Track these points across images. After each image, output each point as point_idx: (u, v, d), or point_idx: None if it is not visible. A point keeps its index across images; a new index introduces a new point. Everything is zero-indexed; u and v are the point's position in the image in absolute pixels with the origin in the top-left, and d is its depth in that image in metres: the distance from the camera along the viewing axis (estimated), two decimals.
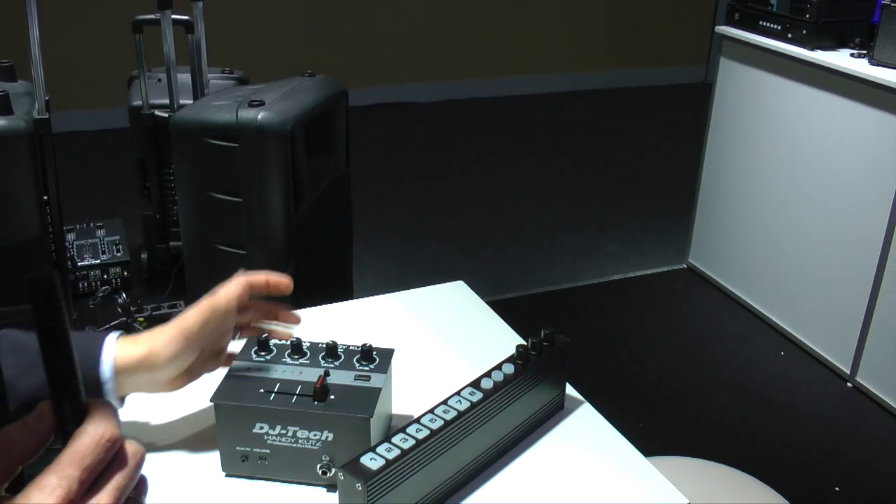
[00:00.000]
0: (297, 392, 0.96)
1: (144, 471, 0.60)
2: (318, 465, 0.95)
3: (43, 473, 0.54)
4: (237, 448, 0.96)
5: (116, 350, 0.94)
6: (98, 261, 3.19)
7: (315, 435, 0.94)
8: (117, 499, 0.56)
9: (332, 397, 0.95)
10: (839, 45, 2.94)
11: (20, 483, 0.55)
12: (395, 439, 0.89)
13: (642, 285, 3.59)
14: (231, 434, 0.96)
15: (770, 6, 3.07)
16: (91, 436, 0.56)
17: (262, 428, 0.95)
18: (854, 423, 2.76)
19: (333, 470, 0.93)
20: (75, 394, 0.56)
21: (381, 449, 0.87)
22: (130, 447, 0.58)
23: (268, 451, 0.95)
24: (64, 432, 0.57)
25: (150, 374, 0.96)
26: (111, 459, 0.57)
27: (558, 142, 5.36)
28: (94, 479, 0.56)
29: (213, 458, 0.99)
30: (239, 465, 0.97)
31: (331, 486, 0.96)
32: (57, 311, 0.54)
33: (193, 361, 0.98)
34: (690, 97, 5.78)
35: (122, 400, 0.98)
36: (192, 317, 0.98)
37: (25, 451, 0.56)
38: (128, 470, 0.58)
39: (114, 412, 0.58)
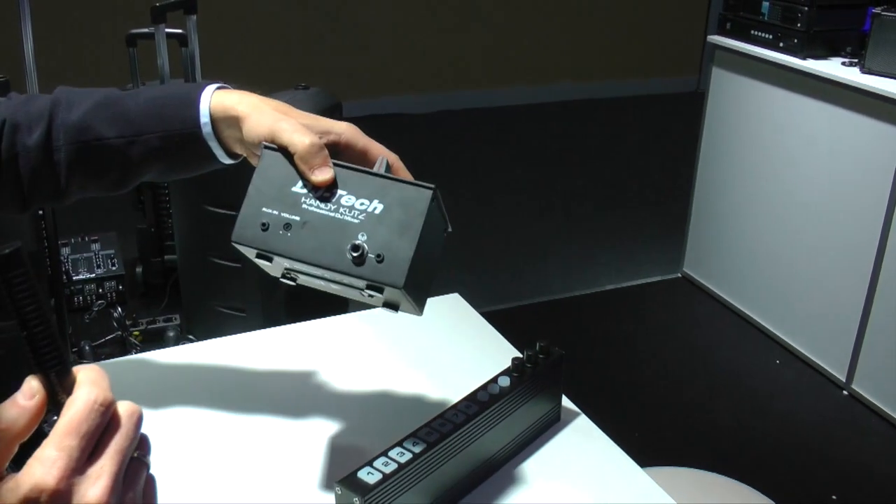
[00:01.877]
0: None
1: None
2: (350, 244, 0.81)
3: (42, 447, 0.54)
4: (263, 209, 0.84)
5: (213, 99, 0.92)
6: (93, 275, 3.19)
7: (362, 204, 0.83)
8: (120, 461, 0.56)
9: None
10: (830, 54, 2.96)
11: (19, 461, 0.54)
12: (392, 453, 0.89)
13: (637, 295, 3.59)
14: (265, 189, 0.85)
15: (761, 15, 3.09)
16: (84, 402, 0.55)
17: (303, 188, 0.84)
18: (850, 430, 2.76)
19: (366, 251, 0.81)
20: (61, 363, 0.56)
21: (378, 463, 0.87)
22: (125, 408, 0.57)
23: (297, 217, 0.83)
24: (56, 402, 0.56)
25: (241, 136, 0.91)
26: (107, 423, 0.56)
27: (552, 152, 5.37)
28: (93, 446, 0.55)
29: (213, 459, 0.99)
30: (254, 233, 0.84)
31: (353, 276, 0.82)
32: (27, 283, 0.54)
33: None
34: (683, 106, 5.80)
35: (231, 154, 0.95)
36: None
37: (19, 429, 0.55)
38: (125, 430, 0.56)
39: (103, 376, 0.57)
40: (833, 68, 2.84)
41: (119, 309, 2.87)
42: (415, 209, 0.82)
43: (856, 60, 2.84)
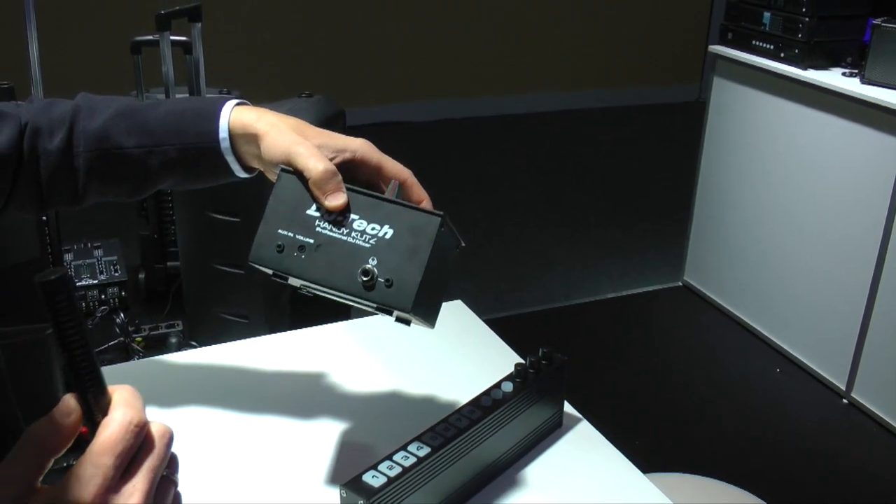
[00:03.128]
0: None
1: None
2: (361, 269, 0.84)
3: (78, 464, 0.56)
4: (279, 231, 0.87)
5: (233, 115, 0.94)
6: (96, 281, 3.20)
7: (374, 229, 0.86)
8: (152, 480, 0.58)
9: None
10: (831, 65, 2.97)
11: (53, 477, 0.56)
12: (397, 457, 0.90)
13: (638, 303, 3.60)
14: (281, 211, 0.88)
15: (763, 26, 3.10)
16: (119, 423, 0.57)
17: (317, 211, 0.87)
18: (850, 439, 2.77)
19: (376, 276, 0.84)
20: (98, 384, 0.59)
21: (382, 467, 0.88)
22: (157, 428, 0.60)
23: (311, 240, 0.87)
24: (92, 422, 0.58)
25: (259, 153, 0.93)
26: (141, 443, 0.58)
27: (554, 160, 5.38)
28: (127, 464, 0.57)
29: (217, 465, 0.99)
30: (270, 254, 0.88)
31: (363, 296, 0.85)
32: (70, 308, 0.56)
33: None
34: (684, 116, 5.81)
35: (247, 168, 0.96)
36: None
37: (54, 446, 0.57)
38: (158, 451, 0.59)
39: (137, 397, 0.60)
40: (833, 79, 2.86)
41: (122, 315, 2.87)
42: (424, 236, 0.84)
43: (856, 71, 2.86)
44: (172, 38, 2.90)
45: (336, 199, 0.86)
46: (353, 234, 0.86)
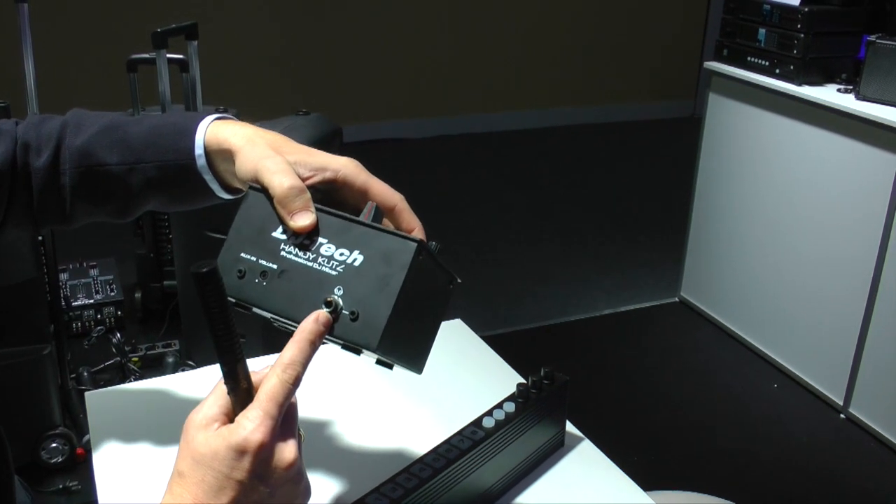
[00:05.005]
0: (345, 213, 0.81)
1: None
2: (324, 299, 0.75)
3: (249, 408, 0.68)
4: (241, 255, 0.80)
5: (209, 132, 0.89)
6: (92, 300, 3.18)
7: (342, 255, 0.76)
8: (299, 442, 0.71)
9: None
10: (826, 81, 2.98)
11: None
12: (400, 479, 0.89)
13: (635, 319, 3.60)
14: (246, 233, 0.81)
15: (758, 42, 3.11)
16: (280, 379, 0.70)
17: (284, 233, 0.79)
18: (848, 454, 2.76)
19: (340, 308, 0.75)
20: (241, 359, 0.68)
21: (385, 489, 0.88)
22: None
23: (274, 266, 0.78)
24: (237, 389, 0.69)
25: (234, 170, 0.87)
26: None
27: (550, 177, 5.39)
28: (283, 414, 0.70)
29: None
30: (230, 281, 0.79)
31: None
32: (220, 295, 0.64)
33: None
34: (680, 131, 5.83)
35: (228, 189, 0.91)
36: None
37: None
38: (296, 409, 0.74)
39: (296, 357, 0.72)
40: (828, 95, 2.86)
41: (118, 335, 2.86)
42: (397, 263, 0.75)
43: (851, 87, 2.86)
44: (169, 55, 2.90)
45: (301, 220, 0.78)
46: (321, 259, 0.77)
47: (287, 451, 0.68)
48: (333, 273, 0.76)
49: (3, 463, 1.02)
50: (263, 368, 0.72)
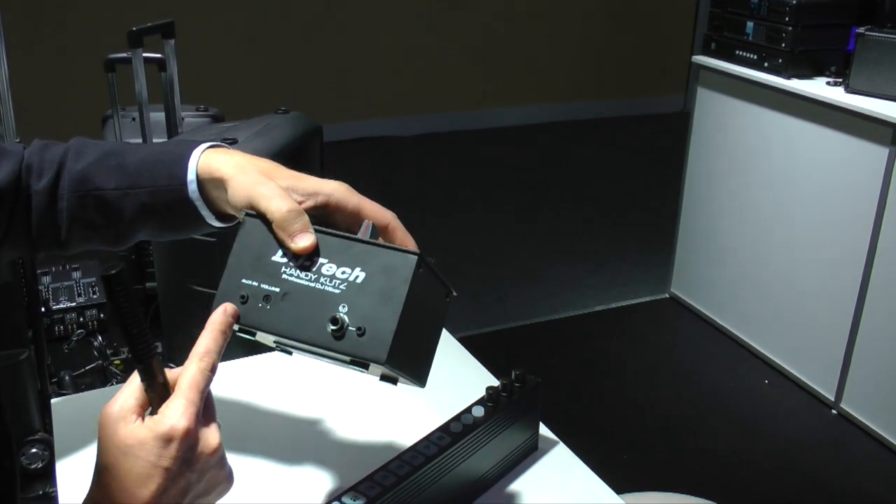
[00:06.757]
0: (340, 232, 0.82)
1: None
2: (330, 317, 0.76)
3: (172, 398, 0.70)
4: (242, 281, 0.80)
5: (202, 161, 0.89)
6: (74, 303, 3.14)
7: (344, 273, 0.78)
8: (218, 427, 0.73)
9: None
10: (815, 74, 2.96)
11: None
12: (362, 487, 0.87)
13: (624, 316, 3.57)
14: (246, 259, 0.81)
15: (746, 36, 3.08)
16: (198, 367, 0.72)
17: (283, 257, 0.80)
18: (840, 449, 2.74)
19: (346, 324, 0.76)
20: (153, 355, 0.70)
21: (346, 498, 0.85)
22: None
23: (277, 289, 0.79)
24: (153, 385, 0.71)
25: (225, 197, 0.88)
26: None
27: (537, 173, 5.36)
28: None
29: None
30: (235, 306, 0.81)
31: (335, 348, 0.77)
32: (127, 296, 0.67)
33: None
34: (669, 126, 5.80)
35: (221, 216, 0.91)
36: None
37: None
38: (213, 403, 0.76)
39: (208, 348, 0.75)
40: (817, 88, 2.84)
41: (100, 338, 2.82)
42: (398, 277, 0.76)
43: (840, 80, 2.84)
44: (146, 55, 2.86)
45: (302, 241, 0.79)
46: (322, 279, 0.78)
47: (211, 436, 0.71)
48: (336, 291, 0.77)
49: (8, 458, 1.00)
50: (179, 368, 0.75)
